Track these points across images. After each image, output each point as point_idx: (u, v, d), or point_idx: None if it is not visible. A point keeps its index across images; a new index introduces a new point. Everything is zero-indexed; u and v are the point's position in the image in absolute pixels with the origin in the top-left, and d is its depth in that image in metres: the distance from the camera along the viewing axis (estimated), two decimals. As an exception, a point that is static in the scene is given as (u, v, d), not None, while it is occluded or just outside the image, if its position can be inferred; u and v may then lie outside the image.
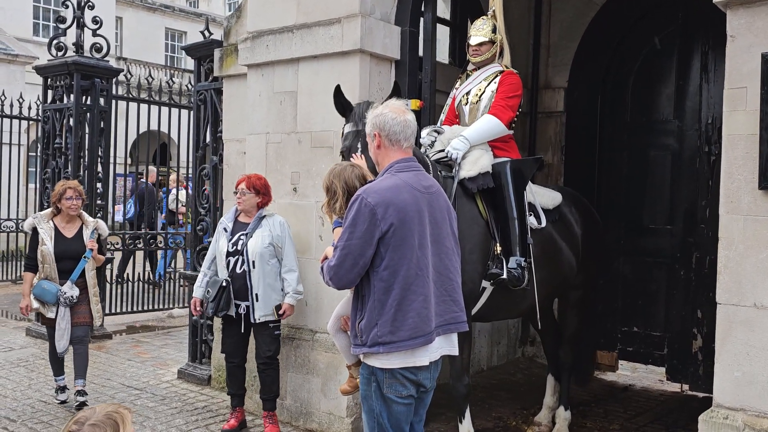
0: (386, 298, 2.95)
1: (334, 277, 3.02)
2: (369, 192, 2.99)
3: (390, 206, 2.94)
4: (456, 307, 3.14)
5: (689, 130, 6.47)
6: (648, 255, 6.71)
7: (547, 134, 7.28)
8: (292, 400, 5.34)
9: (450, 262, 3.13)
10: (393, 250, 2.94)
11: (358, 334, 3.04)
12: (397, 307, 2.94)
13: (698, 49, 6.39)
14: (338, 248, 2.99)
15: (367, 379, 3.08)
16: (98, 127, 8.19)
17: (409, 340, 2.95)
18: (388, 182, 3.03)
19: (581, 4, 7.07)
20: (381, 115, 3.12)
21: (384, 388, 3.02)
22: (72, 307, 5.54)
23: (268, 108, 5.55)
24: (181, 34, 30.25)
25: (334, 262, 2.99)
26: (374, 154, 3.18)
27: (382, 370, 3.01)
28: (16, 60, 18.88)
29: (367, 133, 3.19)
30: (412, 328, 2.96)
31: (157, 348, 7.94)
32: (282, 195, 5.45)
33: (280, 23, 5.43)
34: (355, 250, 2.94)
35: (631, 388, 6.74)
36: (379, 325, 2.96)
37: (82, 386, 5.67)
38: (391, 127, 3.09)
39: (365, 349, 3.01)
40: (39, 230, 5.58)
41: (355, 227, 2.94)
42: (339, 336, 3.68)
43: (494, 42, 4.91)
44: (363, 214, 2.93)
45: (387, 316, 2.95)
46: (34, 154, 16.70)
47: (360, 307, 3.06)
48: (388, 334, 2.94)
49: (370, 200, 2.94)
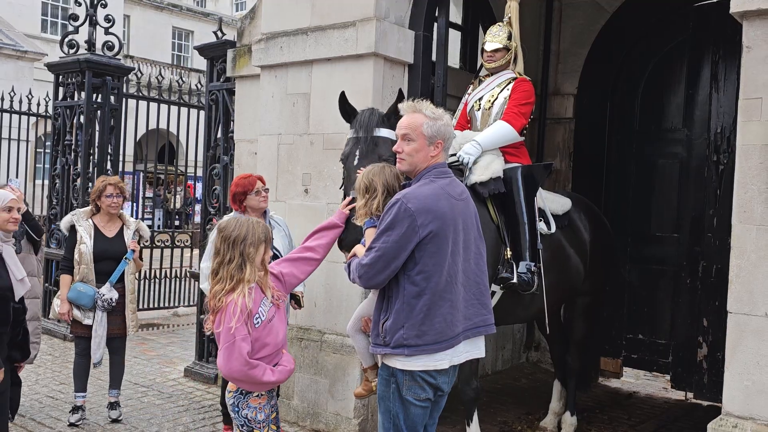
0: (416, 303, 2.97)
1: (364, 276, 3.03)
2: (409, 197, 2.99)
3: (430, 213, 2.96)
4: (485, 310, 3.19)
5: (698, 138, 6.49)
6: (654, 263, 6.73)
7: (556, 140, 7.30)
8: (299, 400, 5.37)
9: (477, 267, 3.17)
10: (429, 256, 2.96)
11: (381, 334, 3.05)
12: (426, 312, 2.97)
13: (708, 58, 6.39)
14: (373, 249, 2.99)
15: (386, 380, 3.10)
16: (109, 125, 8.22)
17: (434, 344, 2.99)
18: (428, 189, 3.05)
19: (592, 11, 7.10)
20: (448, 126, 3.16)
21: (403, 390, 3.04)
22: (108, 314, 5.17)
23: (281, 109, 5.58)
24: (188, 33, 30.34)
25: (367, 261, 3.00)
26: (424, 158, 3.12)
27: (403, 372, 3.03)
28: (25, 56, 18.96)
29: (425, 135, 3.10)
30: (438, 332, 2.99)
31: (163, 346, 7.97)
32: (293, 196, 5.48)
33: (294, 25, 5.47)
34: (389, 253, 2.95)
35: (636, 395, 6.76)
36: (406, 327, 2.97)
37: (116, 397, 5.42)
38: (450, 142, 3.19)
39: (387, 349, 3.02)
40: (77, 228, 5.20)
41: (393, 230, 2.95)
42: (358, 337, 3.66)
43: (509, 49, 4.93)
44: (402, 219, 2.94)
45: (415, 319, 2.97)
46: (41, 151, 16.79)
47: (386, 307, 3.07)
48: (414, 338, 2.97)
49: (410, 206, 2.95)
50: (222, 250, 3.22)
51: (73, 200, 8.07)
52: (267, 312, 3.25)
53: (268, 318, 3.25)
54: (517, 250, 4.46)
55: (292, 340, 5.35)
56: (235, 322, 3.09)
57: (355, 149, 3.80)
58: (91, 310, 5.11)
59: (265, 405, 3.32)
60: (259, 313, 3.20)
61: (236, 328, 3.09)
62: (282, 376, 3.32)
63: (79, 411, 5.29)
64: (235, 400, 3.30)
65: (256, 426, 3.29)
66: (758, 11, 3.47)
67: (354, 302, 5.12)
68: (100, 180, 5.39)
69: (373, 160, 3.69)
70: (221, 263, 3.20)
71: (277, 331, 3.30)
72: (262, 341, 3.22)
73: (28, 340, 4.01)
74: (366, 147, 3.76)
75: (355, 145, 3.82)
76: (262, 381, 3.21)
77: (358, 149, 3.78)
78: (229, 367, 3.14)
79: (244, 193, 4.70)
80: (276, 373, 3.27)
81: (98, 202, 5.25)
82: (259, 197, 4.71)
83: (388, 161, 3.68)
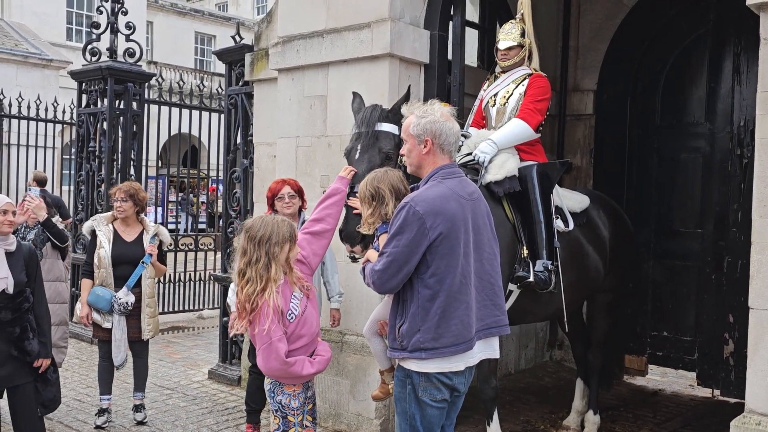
0: (431, 305, 2.97)
1: (377, 282, 3.04)
2: (417, 200, 2.98)
3: (439, 215, 2.95)
4: (498, 311, 3.17)
5: (720, 132, 6.40)
6: (678, 258, 6.65)
7: (576, 137, 7.25)
8: (321, 401, 5.38)
9: (491, 267, 3.16)
10: (440, 258, 2.95)
11: (398, 338, 3.05)
12: (441, 314, 2.96)
13: (730, 51, 6.32)
14: (384, 254, 3.00)
15: (402, 382, 3.10)
16: (131, 131, 8.33)
17: (451, 347, 2.98)
18: (436, 190, 3.04)
19: (611, 5, 7.04)
20: (436, 122, 3.10)
21: (419, 392, 3.04)
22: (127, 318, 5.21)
23: (299, 112, 5.61)
24: (211, 37, 30.60)
25: (379, 267, 3.00)
26: (418, 158, 3.15)
27: (419, 374, 3.03)
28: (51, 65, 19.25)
29: (413, 135, 3.12)
30: (455, 335, 2.98)
31: (187, 348, 8.05)
32: (312, 198, 5.48)
33: (310, 28, 5.50)
34: (400, 257, 2.95)
35: (661, 392, 6.69)
36: (422, 331, 2.97)
37: (141, 399, 5.49)
38: (446, 137, 3.10)
39: (405, 353, 3.02)
40: (97, 233, 5.29)
41: (403, 235, 2.95)
42: (374, 340, 3.66)
43: (523, 46, 4.91)
44: (411, 222, 2.94)
45: (431, 322, 2.96)
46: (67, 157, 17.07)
47: (401, 311, 3.07)
48: (430, 341, 2.96)
49: (419, 209, 2.94)
50: (249, 250, 3.29)
51: (98, 206, 8.18)
52: (299, 305, 3.37)
53: (301, 311, 3.37)
54: (534, 249, 4.44)
55: (312, 341, 5.38)
56: (269, 323, 3.21)
57: (357, 144, 3.86)
58: (109, 313, 5.16)
59: (300, 393, 3.46)
60: (291, 309, 3.33)
61: (271, 329, 3.21)
62: (321, 366, 3.46)
63: (104, 413, 5.36)
64: (272, 386, 3.47)
65: (290, 412, 3.44)
66: (775, 2, 3.42)
67: (373, 303, 5.13)
68: (115, 187, 5.54)
69: (374, 154, 3.75)
70: (248, 263, 3.27)
71: (311, 322, 3.43)
72: (298, 333, 3.35)
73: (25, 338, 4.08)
74: (367, 141, 3.81)
75: (357, 140, 3.87)
76: (301, 375, 3.36)
77: (360, 143, 3.83)
78: (268, 367, 3.32)
79: (272, 197, 4.86)
80: (315, 364, 3.42)
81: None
82: (282, 203, 4.79)
83: (388, 155, 3.74)
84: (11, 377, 4.08)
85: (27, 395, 4.15)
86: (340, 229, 3.67)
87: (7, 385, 4.12)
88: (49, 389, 4.33)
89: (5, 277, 3.95)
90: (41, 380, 4.21)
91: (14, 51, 18.78)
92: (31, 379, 4.14)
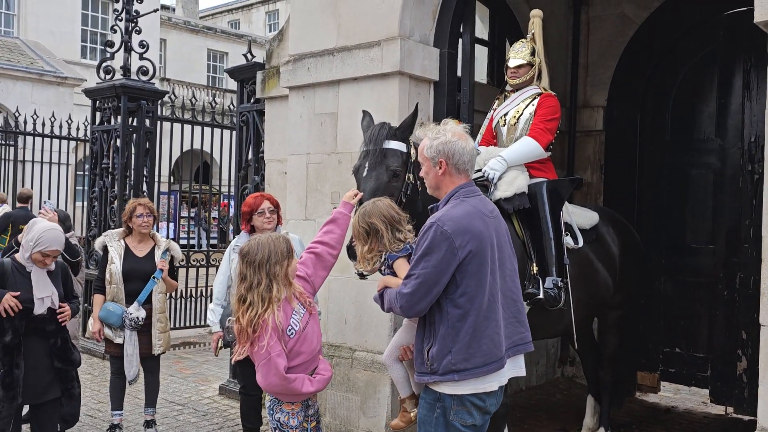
0: (461, 325, 2.92)
1: (405, 305, 2.97)
2: (444, 220, 2.94)
3: (467, 233, 2.92)
4: (522, 328, 3.14)
5: (731, 148, 6.39)
6: (690, 275, 6.62)
7: (586, 153, 7.26)
8: (331, 417, 5.39)
9: (513, 284, 3.13)
10: (470, 276, 2.91)
11: (427, 362, 2.97)
12: (472, 334, 2.91)
13: (740, 67, 6.32)
14: (412, 276, 2.94)
15: (430, 405, 3.01)
16: (144, 148, 8.42)
17: (483, 367, 2.93)
18: (461, 209, 3.00)
19: (620, 22, 7.07)
20: (449, 143, 3.07)
21: (450, 415, 2.96)
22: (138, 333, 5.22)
23: (309, 129, 5.66)
24: (223, 54, 30.90)
25: (408, 290, 2.93)
26: (435, 179, 3.13)
27: (452, 396, 2.95)
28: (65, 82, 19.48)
29: (428, 158, 3.11)
30: (486, 354, 2.93)
31: (198, 364, 8.07)
32: (322, 214, 5.53)
33: (321, 46, 5.55)
34: (430, 278, 2.90)
35: (674, 410, 6.63)
36: (453, 352, 2.91)
37: (152, 415, 5.47)
38: (460, 157, 3.07)
39: (436, 377, 2.95)
40: (109, 248, 5.31)
41: (431, 255, 2.90)
42: (395, 366, 3.56)
43: (533, 65, 4.94)
44: (440, 242, 2.89)
45: (462, 343, 2.91)
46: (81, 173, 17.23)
47: (429, 334, 3.00)
48: (462, 362, 2.90)
49: (447, 228, 2.91)
50: (248, 275, 3.29)
51: (111, 222, 8.26)
52: (300, 321, 3.36)
53: (302, 327, 3.36)
54: (543, 266, 4.44)
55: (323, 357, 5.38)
56: (268, 339, 3.19)
57: (365, 161, 3.88)
58: (120, 329, 5.17)
59: (299, 411, 3.44)
60: (291, 325, 3.32)
61: (270, 344, 3.20)
62: (320, 385, 3.44)
63: (116, 429, 5.38)
64: (271, 404, 3.46)
65: (288, 430, 3.42)
66: (782, 20, 3.43)
67: (384, 319, 5.16)
68: (131, 202, 5.51)
69: (382, 172, 3.78)
70: (249, 288, 3.27)
71: (311, 339, 3.42)
72: (297, 350, 3.33)
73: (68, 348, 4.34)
74: (375, 159, 3.83)
75: (365, 158, 3.90)
76: (301, 392, 3.35)
77: (368, 161, 3.85)
78: (267, 382, 3.29)
79: (250, 212, 4.80)
80: (314, 383, 3.40)
81: (130, 223, 5.34)
82: (263, 218, 4.76)
83: (396, 172, 3.77)
84: (46, 391, 4.22)
85: (54, 409, 4.30)
86: (348, 245, 3.69)
87: (42, 399, 4.23)
88: (73, 404, 4.43)
89: (51, 294, 4.20)
90: (67, 395, 4.35)
91: (30, 69, 19.04)
92: (59, 394, 4.28)
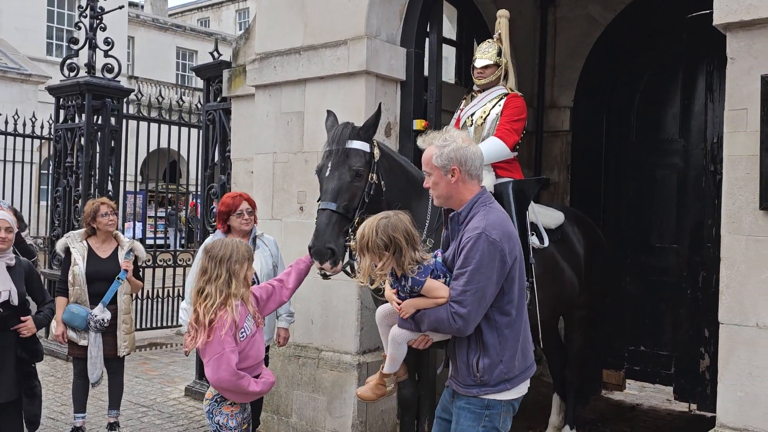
0: (510, 333, 2.87)
1: (464, 326, 2.81)
2: (488, 228, 2.82)
3: (510, 240, 2.86)
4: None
5: (695, 149, 6.49)
6: (655, 274, 6.71)
7: (553, 153, 7.31)
8: (297, 418, 5.36)
9: None
10: (513, 282, 2.87)
11: (477, 374, 2.87)
12: (518, 339, 2.90)
13: (703, 70, 6.41)
14: (467, 292, 2.77)
15: (477, 415, 2.91)
16: (109, 146, 8.30)
17: (526, 370, 2.95)
18: (495, 215, 2.90)
19: (586, 24, 7.13)
20: (461, 149, 2.93)
21: (499, 422, 2.92)
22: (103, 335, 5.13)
23: (276, 128, 5.62)
24: (192, 53, 30.62)
25: (466, 310, 2.78)
26: (447, 189, 2.96)
27: (502, 402, 2.91)
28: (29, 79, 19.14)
29: (438, 167, 2.94)
30: (527, 357, 2.95)
31: (164, 365, 7.98)
32: (288, 214, 5.50)
33: (287, 45, 5.52)
34: (487, 291, 2.79)
35: (639, 407, 6.71)
36: (504, 361, 2.86)
37: (115, 417, 5.40)
38: (472, 162, 2.94)
39: (487, 389, 2.87)
40: (71, 249, 5.19)
41: (486, 268, 2.78)
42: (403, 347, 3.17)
43: (499, 65, 4.94)
44: (492, 253, 2.78)
45: (511, 351, 2.87)
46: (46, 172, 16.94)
47: (476, 345, 2.88)
48: (513, 369, 2.88)
49: (495, 237, 2.80)
50: (209, 268, 3.41)
51: (75, 222, 8.12)
52: (251, 327, 3.49)
53: (252, 333, 3.49)
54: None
55: (289, 357, 5.36)
56: (224, 334, 3.30)
57: (328, 161, 3.86)
58: (85, 331, 5.09)
59: (238, 413, 3.53)
60: (244, 328, 3.44)
61: (226, 340, 3.30)
62: (265, 387, 3.57)
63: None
64: (210, 407, 3.53)
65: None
66: (740, 23, 3.48)
67: (350, 319, 5.14)
68: (91, 202, 5.40)
69: (344, 172, 3.75)
70: (208, 281, 3.38)
71: (258, 346, 3.56)
72: (246, 353, 3.44)
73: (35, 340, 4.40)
74: (337, 159, 3.81)
75: (328, 158, 3.88)
76: (247, 391, 3.44)
77: (331, 161, 3.83)
78: (218, 377, 3.34)
79: (227, 213, 4.74)
80: (260, 384, 3.52)
81: (93, 224, 5.23)
82: (241, 219, 4.71)
83: (358, 172, 3.74)
84: (9, 391, 4.20)
85: (17, 412, 4.28)
86: (310, 245, 3.66)
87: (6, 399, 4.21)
88: (36, 404, 4.37)
89: (9, 289, 4.18)
90: (29, 395, 4.30)
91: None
92: (21, 395, 4.26)
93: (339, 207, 3.73)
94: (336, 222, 3.72)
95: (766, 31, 3.44)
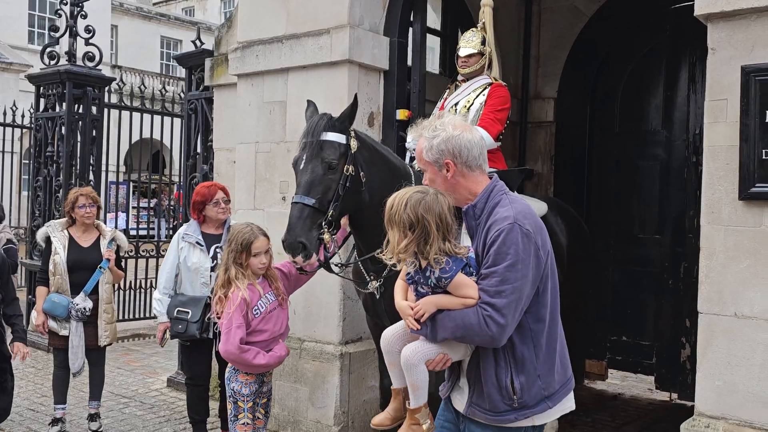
0: (546, 341, 2.43)
1: (502, 335, 2.34)
2: (518, 217, 2.37)
3: (542, 230, 2.44)
4: None
5: (677, 140, 6.52)
6: (637, 264, 6.75)
7: (537, 144, 7.31)
8: (279, 408, 5.35)
9: None
10: (547, 281, 2.44)
11: (514, 396, 2.39)
12: (555, 347, 2.47)
13: (686, 60, 6.44)
14: (501, 294, 2.30)
15: None
16: (90, 136, 8.20)
17: (567, 383, 2.53)
18: (521, 204, 2.47)
19: (570, 15, 7.13)
20: (452, 138, 2.48)
21: None
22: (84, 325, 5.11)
23: (258, 117, 5.58)
24: (177, 42, 30.39)
25: (502, 314, 2.30)
26: (444, 185, 2.53)
27: (535, 428, 2.49)
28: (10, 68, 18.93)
29: (430, 162, 2.53)
30: (565, 367, 2.53)
31: (147, 356, 7.94)
32: (271, 204, 5.47)
33: (269, 33, 5.47)
34: (524, 293, 2.34)
35: (621, 397, 6.76)
36: (542, 376, 2.42)
37: (96, 408, 5.35)
38: (469, 152, 2.49)
39: (527, 411, 2.41)
40: (52, 239, 5.17)
41: (521, 264, 2.32)
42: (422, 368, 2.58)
43: (483, 54, 4.93)
44: (526, 246, 2.34)
45: (550, 362, 2.44)
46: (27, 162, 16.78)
47: (509, 360, 2.41)
48: (553, 383, 2.45)
49: (528, 228, 2.36)
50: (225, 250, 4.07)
51: (56, 212, 8.03)
52: (266, 304, 3.93)
53: (269, 309, 3.93)
54: (491, 255, 4.42)
55: (272, 348, 5.34)
56: (234, 311, 3.77)
57: (303, 153, 3.81)
58: (66, 320, 5.07)
59: (252, 383, 3.94)
60: (257, 305, 3.88)
61: (234, 316, 3.77)
62: (272, 361, 3.91)
63: (58, 423, 5.26)
64: (229, 374, 3.99)
65: (240, 398, 3.92)
66: (721, 13, 3.49)
67: (333, 310, 5.13)
68: (72, 191, 5.38)
69: (317, 164, 3.70)
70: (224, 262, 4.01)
71: (275, 321, 3.96)
72: (261, 328, 3.88)
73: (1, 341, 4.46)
74: (311, 151, 3.75)
75: (303, 150, 3.83)
76: (252, 363, 3.82)
77: (305, 153, 3.79)
78: (225, 348, 3.80)
79: (203, 202, 4.75)
80: (267, 357, 3.87)
81: (72, 214, 5.22)
82: (218, 208, 4.73)
83: (331, 164, 3.70)
84: None
85: None
86: (282, 239, 3.61)
87: None
88: (5, 398, 4.30)
89: None
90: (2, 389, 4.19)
91: (-27, 54, 18.44)
92: None
93: (312, 200, 3.68)
94: (308, 215, 3.66)
95: (746, 21, 3.45)
